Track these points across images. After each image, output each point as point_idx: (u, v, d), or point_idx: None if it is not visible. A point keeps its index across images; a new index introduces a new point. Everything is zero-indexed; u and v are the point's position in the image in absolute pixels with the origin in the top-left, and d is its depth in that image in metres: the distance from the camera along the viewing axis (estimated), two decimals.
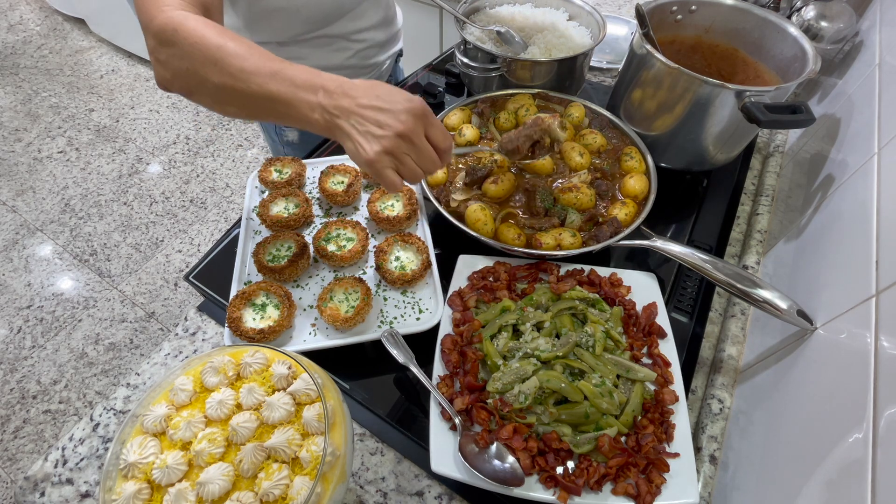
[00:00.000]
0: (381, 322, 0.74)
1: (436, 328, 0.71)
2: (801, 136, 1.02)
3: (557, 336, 0.68)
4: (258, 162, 2.69)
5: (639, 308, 0.74)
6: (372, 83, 0.55)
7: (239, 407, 0.51)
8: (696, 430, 0.67)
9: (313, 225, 0.88)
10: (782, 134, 1.09)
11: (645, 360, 0.69)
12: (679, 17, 0.97)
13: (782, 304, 0.62)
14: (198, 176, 2.62)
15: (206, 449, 0.47)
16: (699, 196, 0.98)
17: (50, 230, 2.36)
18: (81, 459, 0.66)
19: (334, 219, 0.86)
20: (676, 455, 0.60)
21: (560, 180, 0.87)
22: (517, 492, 0.57)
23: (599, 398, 0.61)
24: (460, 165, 0.89)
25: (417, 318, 0.74)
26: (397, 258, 0.80)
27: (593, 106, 0.98)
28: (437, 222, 0.85)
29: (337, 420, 0.50)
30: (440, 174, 0.86)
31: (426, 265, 0.78)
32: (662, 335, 0.70)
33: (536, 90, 1.00)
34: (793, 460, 0.50)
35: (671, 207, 0.93)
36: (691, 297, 0.81)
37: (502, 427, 0.60)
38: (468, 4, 1.12)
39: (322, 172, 0.91)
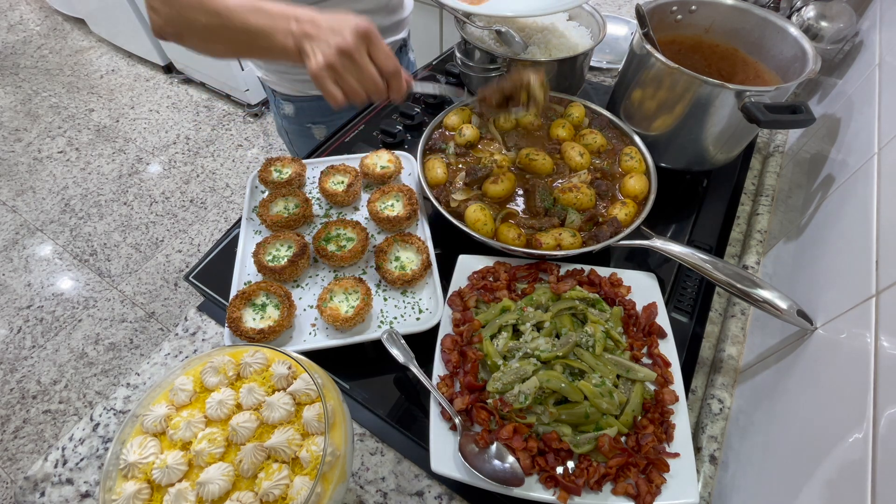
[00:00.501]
0: (381, 322, 0.74)
1: (436, 328, 0.71)
2: (801, 136, 1.02)
3: (557, 336, 0.68)
4: (258, 162, 2.69)
5: (639, 308, 0.74)
6: (335, 16, 0.60)
7: (239, 407, 0.51)
8: (696, 430, 0.67)
9: (313, 225, 0.88)
10: (782, 134, 1.09)
11: (645, 360, 0.69)
12: (679, 17, 0.97)
13: (782, 304, 0.62)
14: (198, 176, 2.62)
15: (206, 449, 0.47)
16: (699, 196, 0.98)
17: (50, 230, 2.36)
18: (81, 459, 0.66)
19: (334, 219, 0.86)
20: (676, 455, 0.60)
21: (560, 180, 0.87)
22: (517, 492, 0.57)
23: (599, 398, 0.61)
24: (460, 165, 0.89)
25: (417, 318, 0.74)
26: (397, 258, 0.80)
27: (593, 106, 0.98)
28: (437, 222, 0.85)
29: (337, 420, 0.50)
30: (440, 173, 0.86)
31: (426, 265, 0.78)
32: (662, 335, 0.70)
33: None
34: (793, 460, 0.50)
35: (671, 207, 0.93)
36: (691, 297, 0.81)
37: (502, 427, 0.60)
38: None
39: (322, 172, 0.91)
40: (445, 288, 0.75)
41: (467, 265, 0.78)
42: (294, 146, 1.31)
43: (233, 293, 0.75)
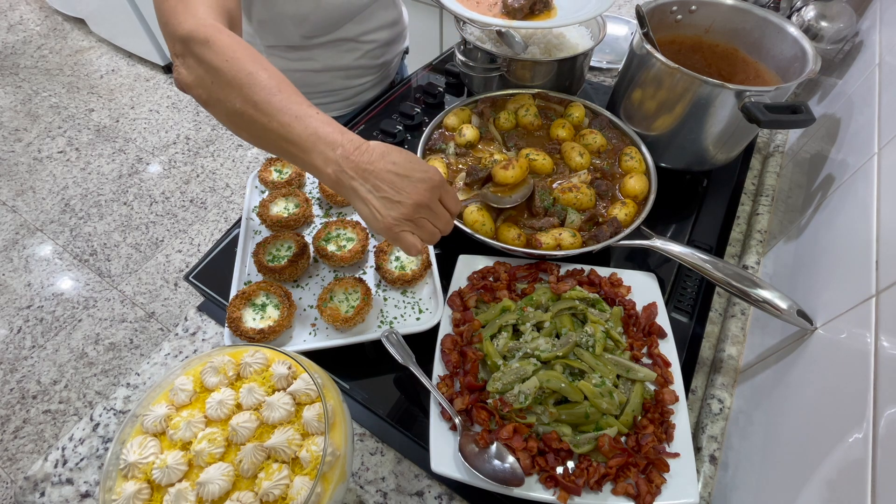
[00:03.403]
0: (381, 322, 0.74)
1: (436, 328, 0.71)
2: (801, 136, 1.02)
3: (557, 336, 0.68)
4: (258, 162, 2.69)
5: (639, 308, 0.74)
6: (388, 148, 0.55)
7: (239, 407, 0.51)
8: (696, 430, 0.67)
9: (313, 225, 0.88)
10: (782, 134, 1.09)
11: (645, 360, 0.69)
12: (679, 17, 0.97)
13: (782, 304, 0.62)
14: (198, 176, 2.62)
15: (206, 449, 0.47)
16: (699, 196, 0.98)
17: (50, 230, 2.36)
18: (81, 459, 0.66)
19: (334, 219, 0.86)
20: (676, 455, 0.60)
21: (560, 180, 0.87)
22: (517, 492, 0.57)
23: (599, 398, 0.61)
24: (460, 166, 0.89)
25: (417, 318, 0.74)
26: (397, 258, 0.80)
27: (593, 106, 0.98)
28: None
29: (337, 420, 0.50)
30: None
31: (426, 265, 0.78)
32: (662, 335, 0.70)
33: (536, 90, 1.00)
34: (793, 460, 0.50)
35: (671, 207, 0.93)
36: (691, 297, 0.81)
37: (502, 427, 0.60)
38: None
39: None
40: (445, 288, 0.75)
41: (467, 265, 0.78)
42: None
43: (233, 293, 0.75)
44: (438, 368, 0.67)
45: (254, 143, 0.59)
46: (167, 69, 3.21)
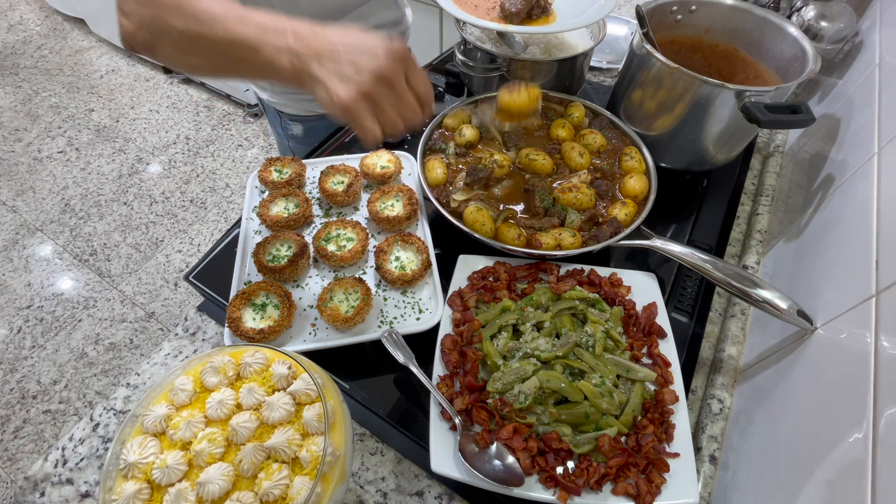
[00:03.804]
0: (381, 322, 0.74)
1: (436, 328, 0.71)
2: (801, 136, 1.02)
3: (557, 336, 0.68)
4: (258, 162, 2.69)
5: (639, 308, 0.74)
6: (346, 27, 0.51)
7: (239, 407, 0.51)
8: (696, 430, 0.67)
9: (313, 225, 0.88)
10: (782, 134, 1.09)
11: (645, 360, 0.69)
12: (679, 17, 0.97)
13: (782, 304, 0.62)
14: (198, 176, 2.62)
15: (206, 449, 0.47)
16: (699, 196, 0.98)
17: (50, 230, 2.36)
18: (81, 459, 0.66)
19: (334, 219, 0.86)
20: (676, 455, 0.60)
21: (560, 180, 0.87)
22: (517, 492, 0.57)
23: (599, 398, 0.61)
24: (460, 166, 0.89)
25: (417, 318, 0.74)
26: (397, 258, 0.80)
27: (593, 106, 0.98)
28: (437, 222, 0.85)
29: (337, 420, 0.50)
30: (440, 174, 0.86)
31: (426, 265, 0.78)
32: (662, 335, 0.70)
33: None
34: (793, 460, 0.50)
35: (671, 207, 0.93)
36: (691, 297, 0.81)
37: (502, 427, 0.60)
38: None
39: (322, 172, 0.91)
40: (445, 288, 0.75)
41: (467, 265, 0.78)
42: (290, 144, 1.30)
43: (233, 293, 0.75)
44: (438, 368, 0.67)
45: (209, 69, 0.56)
46: (167, 69, 3.21)
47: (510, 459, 0.57)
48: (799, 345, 0.59)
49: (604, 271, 0.77)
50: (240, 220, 0.87)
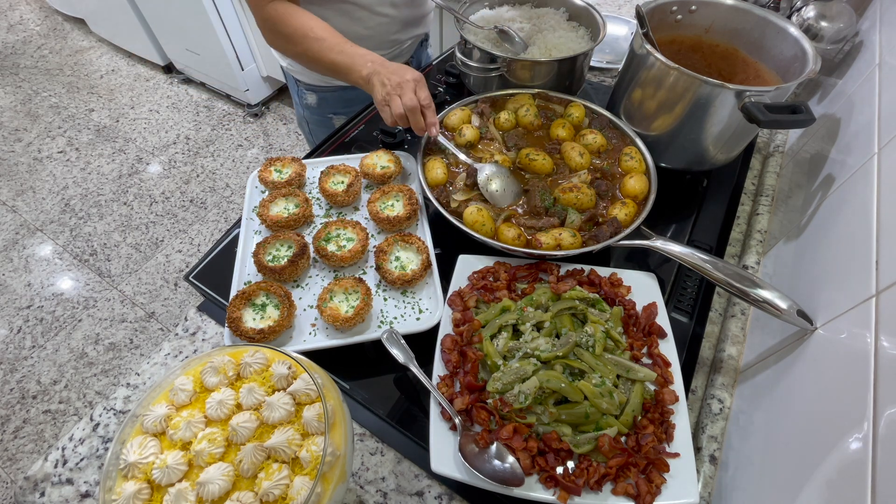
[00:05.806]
0: (381, 322, 0.74)
1: (436, 328, 0.71)
2: (801, 136, 1.02)
3: (557, 336, 0.68)
4: (258, 162, 2.69)
5: (639, 308, 0.74)
6: (398, 65, 0.89)
7: (239, 407, 0.51)
8: (696, 430, 0.67)
9: (313, 225, 0.88)
10: (782, 134, 1.09)
11: (645, 360, 0.69)
12: (679, 17, 0.97)
13: (782, 304, 0.62)
14: (198, 176, 2.62)
15: (206, 449, 0.47)
16: (699, 196, 0.98)
17: (50, 230, 2.36)
18: (81, 459, 0.66)
19: (334, 219, 0.86)
20: (676, 455, 0.60)
21: (560, 180, 0.87)
22: (517, 492, 0.57)
23: (599, 398, 0.61)
24: (460, 166, 0.89)
25: (417, 318, 0.74)
26: (397, 258, 0.80)
27: (593, 106, 0.98)
28: (437, 222, 0.85)
29: (337, 420, 0.50)
30: (440, 174, 0.86)
31: (426, 265, 0.78)
32: (662, 335, 0.70)
33: (536, 90, 1.00)
34: (793, 460, 0.50)
35: (671, 207, 0.93)
36: (691, 297, 0.81)
37: (502, 427, 0.60)
38: (468, 5, 1.12)
39: (322, 172, 0.91)
40: (445, 288, 0.75)
41: (467, 265, 0.78)
42: (314, 136, 1.37)
43: (233, 293, 0.75)
44: (438, 368, 0.67)
45: (320, 72, 0.99)
46: (167, 69, 3.21)
47: (510, 459, 0.57)
48: (799, 345, 0.59)
49: (604, 271, 0.77)
50: (240, 220, 0.87)
